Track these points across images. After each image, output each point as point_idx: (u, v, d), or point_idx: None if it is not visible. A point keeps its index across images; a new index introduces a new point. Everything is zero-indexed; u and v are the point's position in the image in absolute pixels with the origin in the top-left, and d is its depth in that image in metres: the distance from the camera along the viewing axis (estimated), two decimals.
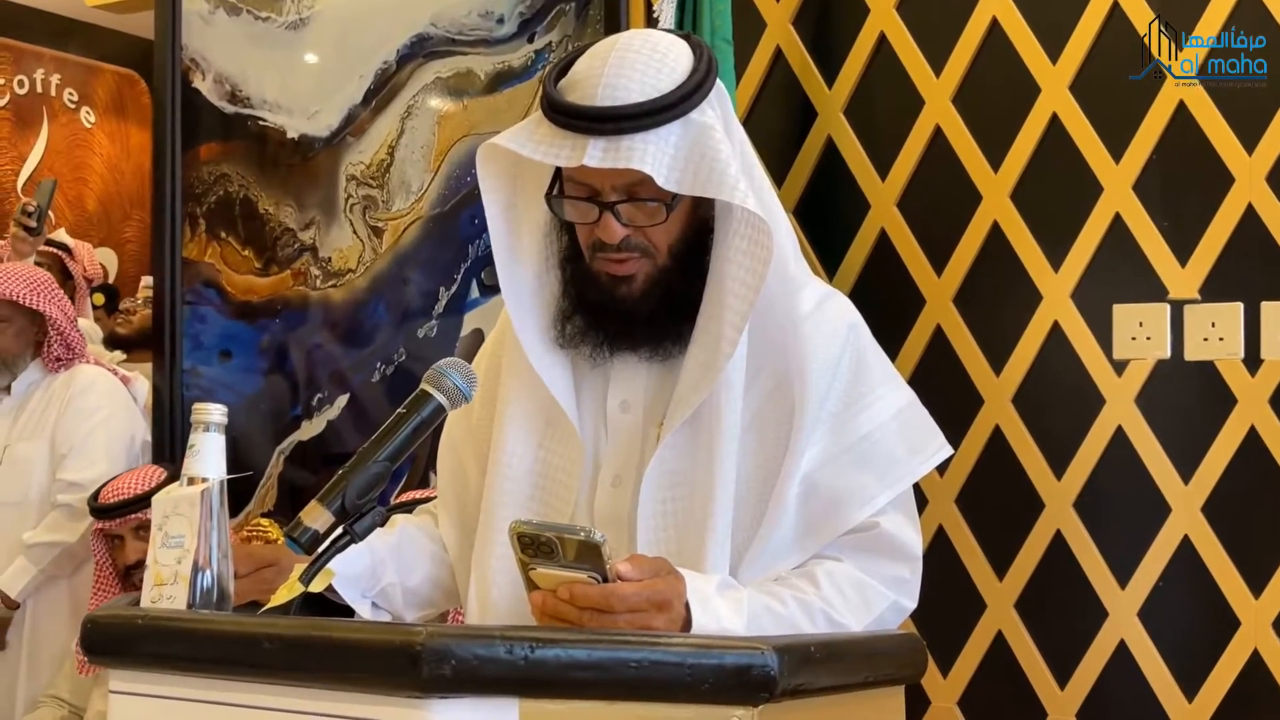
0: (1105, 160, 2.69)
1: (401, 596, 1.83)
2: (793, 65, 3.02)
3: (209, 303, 3.76)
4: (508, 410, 1.79)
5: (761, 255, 1.66)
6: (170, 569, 1.50)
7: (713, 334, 1.68)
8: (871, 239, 2.92)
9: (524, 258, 1.78)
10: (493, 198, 1.77)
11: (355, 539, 1.59)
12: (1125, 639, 2.64)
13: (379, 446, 1.60)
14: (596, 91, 1.65)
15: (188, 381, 3.79)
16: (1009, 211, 2.78)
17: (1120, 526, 2.66)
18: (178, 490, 1.53)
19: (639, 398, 1.76)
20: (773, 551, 1.68)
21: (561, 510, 1.74)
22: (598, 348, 1.75)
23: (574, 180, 1.70)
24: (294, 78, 3.65)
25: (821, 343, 1.73)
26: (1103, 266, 2.70)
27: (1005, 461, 2.76)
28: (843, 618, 1.66)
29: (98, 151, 6.32)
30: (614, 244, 1.68)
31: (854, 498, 1.70)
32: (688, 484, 1.69)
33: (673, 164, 1.64)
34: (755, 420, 1.71)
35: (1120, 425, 2.66)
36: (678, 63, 1.68)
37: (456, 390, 1.64)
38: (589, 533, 1.48)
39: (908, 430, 1.76)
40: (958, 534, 2.81)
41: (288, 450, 3.69)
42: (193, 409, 1.57)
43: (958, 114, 2.84)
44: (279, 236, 3.68)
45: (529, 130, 1.70)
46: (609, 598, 1.49)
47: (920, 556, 1.75)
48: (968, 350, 2.81)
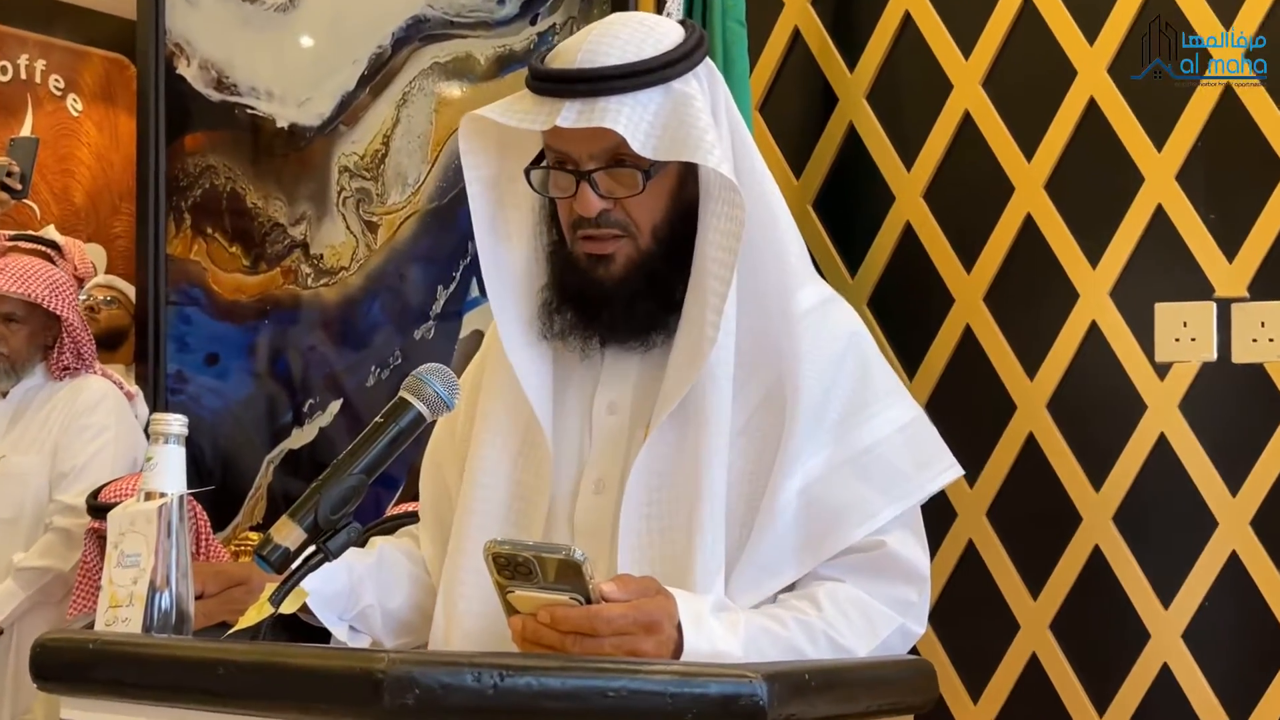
0: (1146, 148, 2.67)
1: (381, 620, 1.84)
2: (812, 48, 3.02)
3: (195, 303, 3.79)
4: (485, 410, 1.80)
5: (735, 230, 1.68)
6: (126, 589, 1.51)
7: (696, 320, 1.69)
8: (896, 233, 2.91)
9: (509, 241, 1.80)
10: (476, 174, 1.79)
11: (329, 557, 1.60)
12: (1168, 662, 2.62)
13: (354, 458, 1.61)
14: (576, 57, 1.69)
15: (173, 386, 3.82)
16: (1043, 203, 2.76)
17: (1163, 541, 2.65)
18: (134, 505, 1.54)
19: (627, 399, 1.76)
20: (764, 565, 1.68)
21: (535, 519, 1.75)
22: (587, 341, 1.76)
23: (552, 149, 1.72)
24: (284, 63, 3.68)
25: (819, 343, 1.73)
26: (1144, 262, 2.68)
27: (1039, 472, 2.74)
28: (847, 641, 1.66)
29: (85, 141, 6.36)
30: (591, 217, 1.70)
31: (855, 511, 1.69)
32: (673, 487, 1.69)
33: (650, 130, 1.66)
34: (748, 425, 1.71)
35: (1163, 432, 2.64)
36: (665, 35, 1.72)
37: (437, 398, 1.64)
38: (569, 551, 1.48)
39: (914, 445, 1.76)
40: (989, 549, 2.80)
41: (278, 459, 3.72)
42: (151, 419, 1.58)
43: (988, 98, 2.82)
44: (268, 232, 3.70)
45: (510, 101, 1.73)
46: (593, 620, 1.49)
47: (928, 578, 1.75)
48: (999, 352, 2.80)
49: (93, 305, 4.93)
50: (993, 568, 2.79)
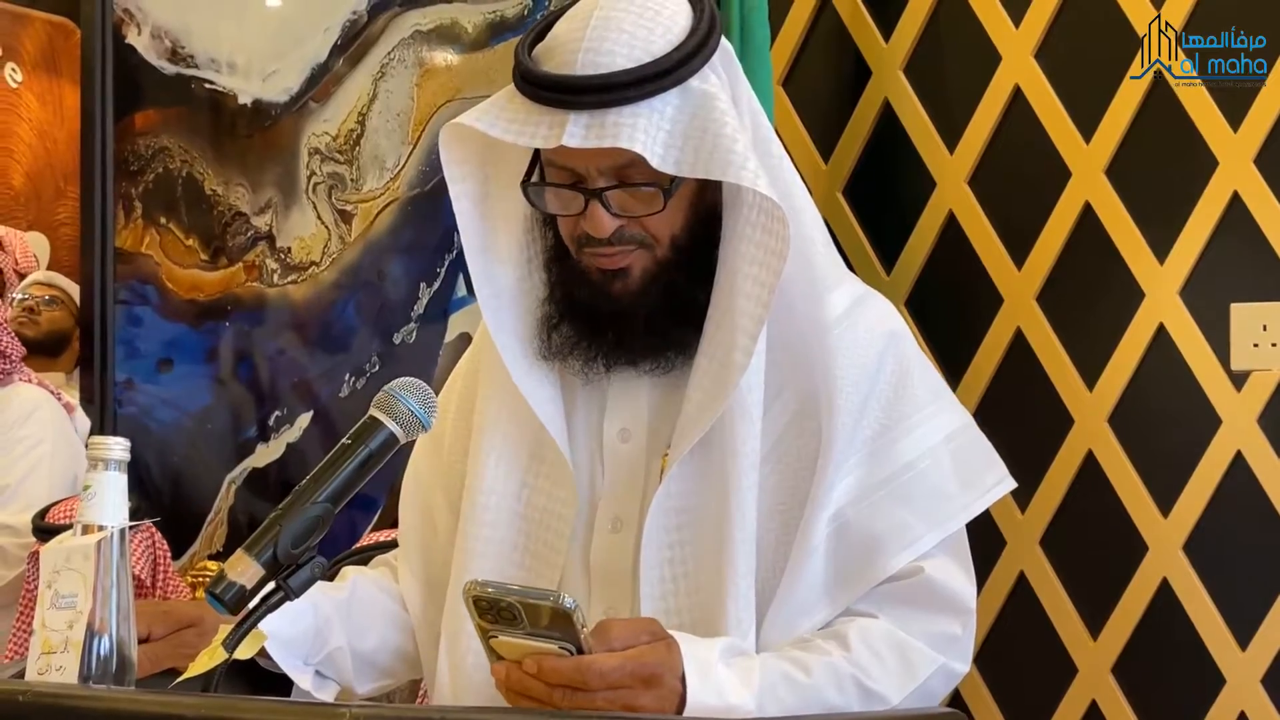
0: (1221, 128, 2.68)
1: (352, 664, 1.84)
2: (842, 14, 3.02)
3: (146, 302, 3.81)
4: (484, 438, 1.80)
5: (776, 248, 1.67)
6: (60, 634, 1.52)
7: (722, 343, 1.69)
8: (937, 224, 2.92)
9: (502, 257, 1.80)
10: (463, 188, 1.79)
11: (290, 595, 1.60)
12: (1246, 711, 2.63)
13: (318, 485, 1.61)
14: (577, 58, 1.66)
15: (121, 396, 3.83)
16: (1104, 190, 2.77)
17: (1239, 574, 2.65)
18: (70, 540, 1.55)
19: (641, 423, 1.77)
20: (798, 606, 1.68)
21: (553, 561, 1.75)
22: (590, 361, 1.76)
23: (554, 164, 1.71)
24: (246, 31, 3.69)
25: (855, 353, 1.73)
26: (1218, 257, 2.68)
27: (1100, 494, 2.75)
28: (879, 686, 1.66)
29: (25, 116, 6.37)
30: (603, 238, 1.70)
31: (893, 539, 1.70)
32: (696, 525, 1.69)
33: (669, 141, 1.65)
34: (776, 448, 1.71)
35: (1239, 450, 2.65)
36: (674, 20, 1.69)
37: (412, 417, 1.63)
38: (558, 598, 1.48)
39: (960, 458, 1.76)
40: (1042, 583, 2.80)
41: (240, 479, 3.73)
42: (89, 443, 1.59)
43: (1041, 71, 2.83)
44: (229, 222, 3.72)
45: (499, 106, 1.71)
46: (584, 673, 1.49)
47: (973, 610, 1.75)
48: (1054, 359, 2.81)
49: (31, 305, 4.91)
50: (1047, 603, 2.80)
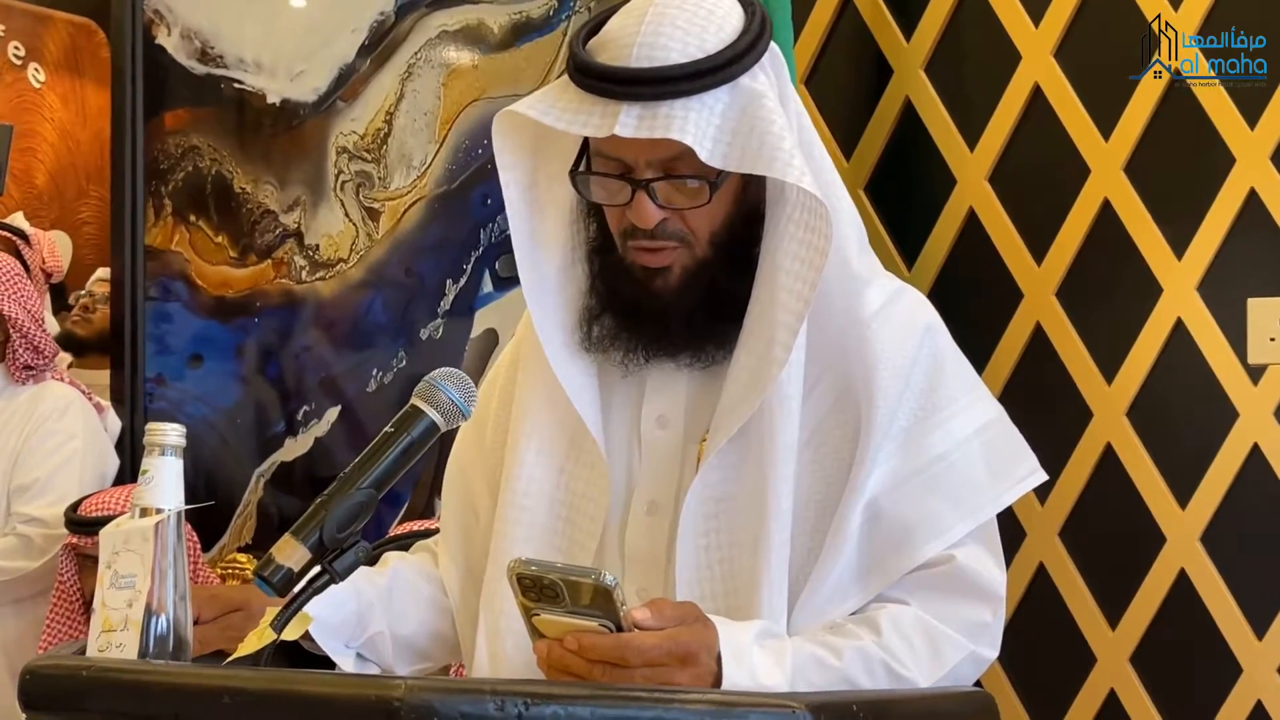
0: (1238, 125, 2.69)
1: (392, 648, 1.89)
2: (863, 13, 3.04)
3: (176, 299, 3.82)
4: (523, 426, 1.85)
5: (819, 245, 1.71)
6: (120, 613, 1.57)
7: (763, 337, 1.74)
8: (958, 220, 2.95)
9: (547, 246, 1.85)
10: (512, 176, 1.83)
11: (335, 579, 1.64)
12: (1263, 700, 2.64)
13: (362, 472, 1.65)
14: (631, 51, 1.70)
15: (151, 391, 3.85)
16: (1122, 186, 2.79)
17: (1256, 565, 2.67)
18: (128, 523, 1.60)
19: (678, 411, 1.82)
20: (830, 593, 1.73)
21: (586, 545, 1.80)
22: (630, 353, 1.81)
23: (603, 154, 1.75)
24: (275, 32, 3.70)
25: (891, 346, 1.77)
26: (1236, 253, 2.70)
27: (1118, 487, 2.77)
28: (908, 671, 1.70)
29: (48, 116, 6.40)
30: (648, 229, 1.74)
31: (925, 528, 1.74)
32: (735, 513, 1.74)
33: (718, 135, 1.69)
34: (813, 438, 1.76)
35: (1256, 443, 2.66)
36: (726, 20, 1.74)
37: (452, 406, 1.68)
38: (599, 575, 1.53)
39: (991, 450, 1.80)
40: (1061, 574, 2.83)
41: (269, 473, 3.74)
42: (146, 429, 1.64)
43: (1060, 70, 2.85)
44: (258, 220, 3.73)
45: (553, 96, 1.76)
46: (623, 650, 1.55)
47: (1003, 597, 1.79)
48: (1073, 353, 2.83)
49: (88, 304, 4.93)
50: (1066, 593, 2.82)
